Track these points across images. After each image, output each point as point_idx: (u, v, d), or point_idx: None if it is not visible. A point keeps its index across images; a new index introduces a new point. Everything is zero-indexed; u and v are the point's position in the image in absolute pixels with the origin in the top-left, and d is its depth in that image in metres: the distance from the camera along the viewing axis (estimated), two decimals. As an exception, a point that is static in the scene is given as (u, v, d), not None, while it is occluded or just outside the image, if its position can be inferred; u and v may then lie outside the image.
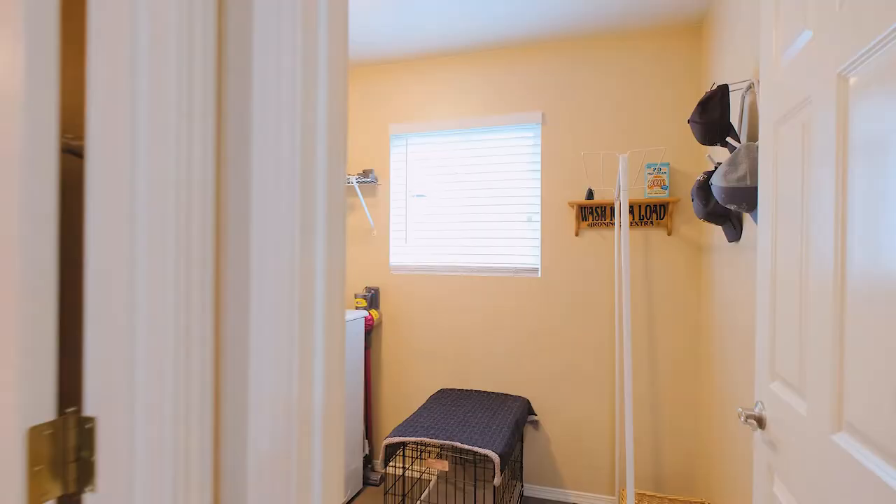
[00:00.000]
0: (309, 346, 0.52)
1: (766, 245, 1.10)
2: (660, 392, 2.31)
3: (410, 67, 2.72)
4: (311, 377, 0.50)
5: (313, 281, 0.59)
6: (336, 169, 0.60)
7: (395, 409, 2.77)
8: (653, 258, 2.32)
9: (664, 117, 2.29)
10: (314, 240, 0.58)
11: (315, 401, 0.52)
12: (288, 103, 0.49)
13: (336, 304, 0.64)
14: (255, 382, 0.48)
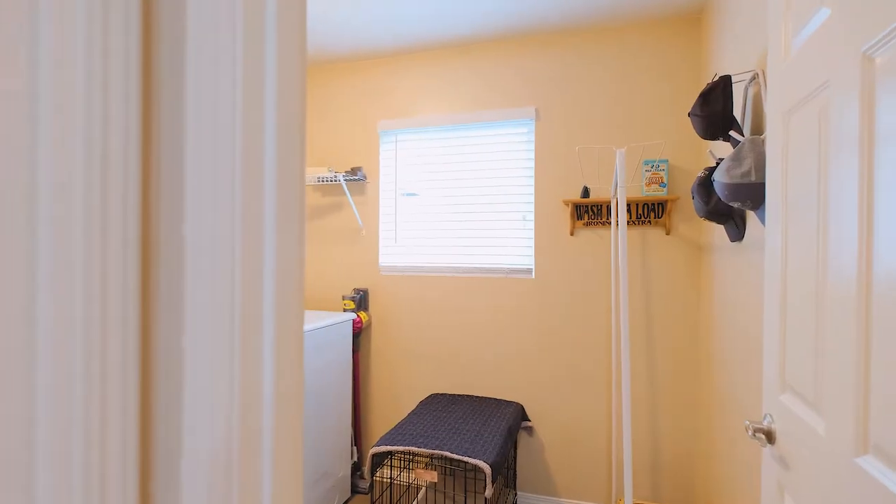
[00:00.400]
0: (255, 362, 0.41)
1: (775, 245, 1.01)
2: (658, 395, 2.23)
3: (400, 62, 2.63)
4: (259, 397, 0.40)
5: (260, 288, 0.47)
6: (290, 162, 0.49)
7: (385, 415, 2.68)
8: (651, 258, 2.24)
9: (662, 112, 2.20)
10: (262, 243, 0.46)
11: (264, 424, 0.42)
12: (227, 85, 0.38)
13: (291, 316, 0.52)
14: (189, 414, 0.38)
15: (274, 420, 0.49)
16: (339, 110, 2.75)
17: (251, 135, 0.44)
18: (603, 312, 2.31)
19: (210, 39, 0.40)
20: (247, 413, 0.44)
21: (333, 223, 2.76)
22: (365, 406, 2.72)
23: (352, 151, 2.73)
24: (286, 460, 0.54)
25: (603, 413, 2.31)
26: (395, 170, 2.68)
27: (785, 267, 0.97)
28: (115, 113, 0.34)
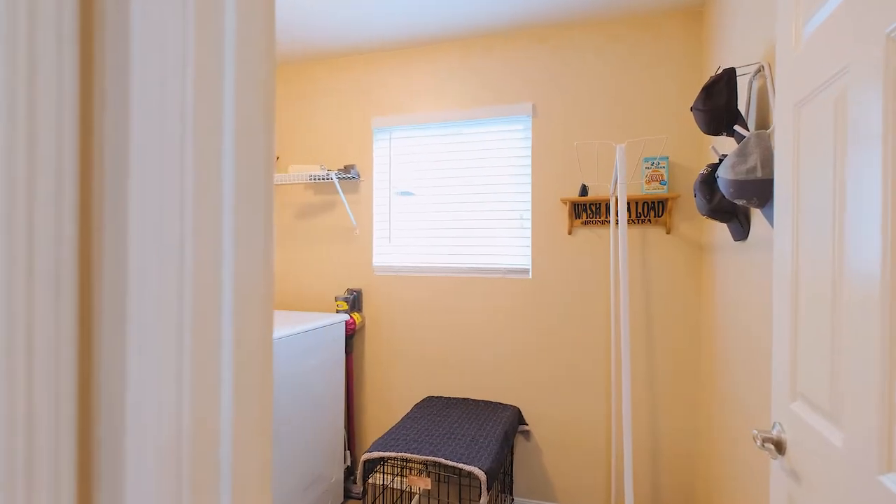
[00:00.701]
0: (210, 357, 0.35)
1: (784, 245, 0.96)
2: (658, 396, 2.18)
3: (394, 57, 2.56)
4: (214, 395, 0.34)
5: (217, 285, 0.40)
6: (252, 154, 0.43)
7: (379, 417, 2.62)
8: (650, 258, 2.18)
9: (663, 108, 2.15)
10: (221, 241, 0.39)
11: (222, 425, 0.35)
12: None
13: (254, 325, 0.45)
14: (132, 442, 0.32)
15: (234, 419, 0.43)
16: (332, 107, 2.68)
17: (206, 120, 0.38)
18: (602, 313, 2.25)
19: (157, 28, 0.35)
20: (200, 411, 0.39)
21: (326, 222, 2.69)
22: (359, 409, 2.66)
23: (345, 149, 2.66)
24: (249, 461, 0.47)
25: (602, 415, 2.25)
26: (389, 168, 2.61)
27: (796, 267, 0.91)
28: (45, 105, 0.30)
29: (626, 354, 1.38)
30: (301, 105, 2.75)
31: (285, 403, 1.97)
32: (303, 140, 2.75)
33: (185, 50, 0.37)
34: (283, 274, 2.78)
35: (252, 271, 0.48)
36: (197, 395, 0.40)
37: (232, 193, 0.45)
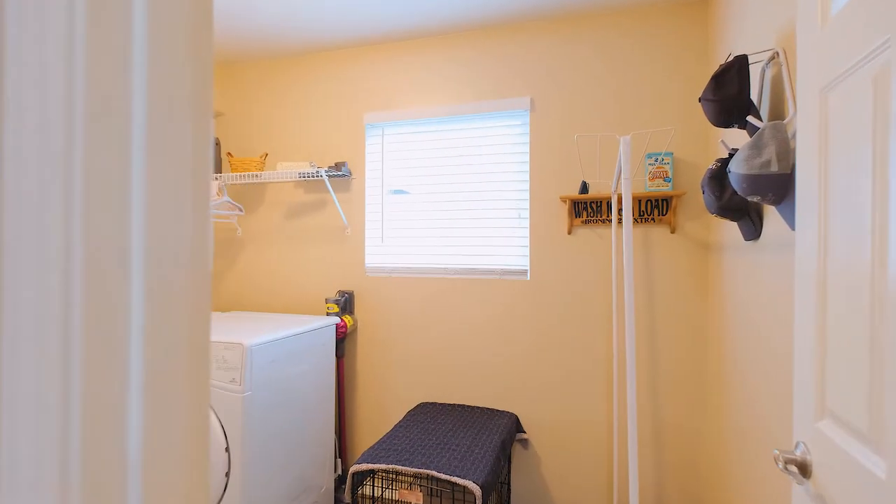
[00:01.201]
0: (110, 363, 0.23)
1: (808, 244, 0.86)
2: (662, 404, 2.08)
3: (388, 51, 2.47)
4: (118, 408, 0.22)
5: (127, 306, 0.28)
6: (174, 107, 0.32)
7: (372, 424, 2.52)
8: (654, 258, 2.09)
9: (667, 101, 2.05)
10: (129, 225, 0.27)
11: (129, 440, 0.33)
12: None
13: (176, 329, 0.34)
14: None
15: (144, 428, 0.35)
16: (323, 102, 2.58)
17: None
18: (603, 316, 2.16)
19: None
20: (95, 432, 0.32)
21: (317, 222, 2.59)
22: (351, 415, 2.56)
23: (336, 146, 2.56)
24: (166, 481, 0.39)
25: (603, 421, 2.16)
26: (381, 165, 2.52)
27: (823, 268, 0.82)
28: None
29: (631, 360, 1.28)
30: (290, 100, 2.65)
31: (272, 410, 1.87)
32: (292, 136, 2.65)
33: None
34: (272, 275, 2.68)
35: (173, 272, 0.38)
36: (89, 413, 0.32)
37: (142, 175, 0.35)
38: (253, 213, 2.72)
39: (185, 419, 0.38)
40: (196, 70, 0.38)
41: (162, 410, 0.36)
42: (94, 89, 0.30)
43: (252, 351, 1.77)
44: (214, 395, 1.76)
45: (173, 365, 0.37)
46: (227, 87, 2.78)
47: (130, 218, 0.34)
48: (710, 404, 1.97)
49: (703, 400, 2.04)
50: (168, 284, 0.38)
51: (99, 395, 0.32)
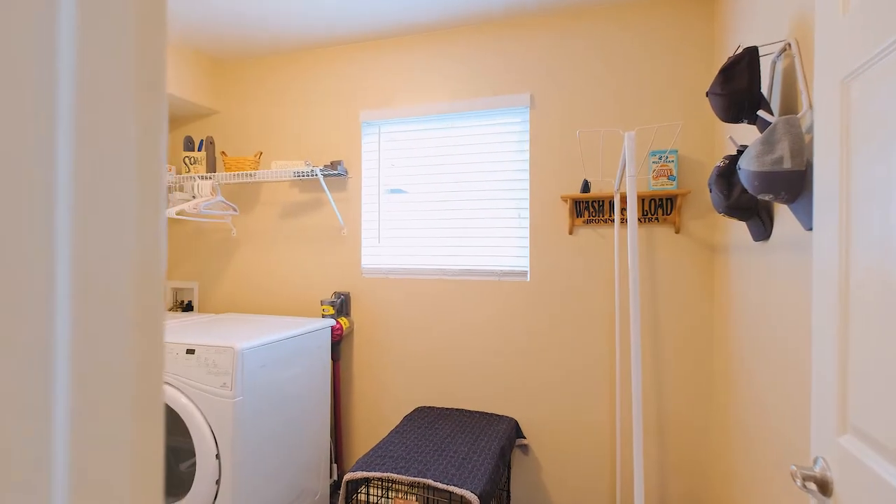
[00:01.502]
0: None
1: (828, 244, 0.80)
2: (666, 405, 2.02)
3: (384, 47, 2.41)
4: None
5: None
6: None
7: (369, 428, 2.46)
8: (658, 259, 2.03)
9: (672, 97, 2.00)
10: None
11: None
12: None
13: (110, 336, 0.24)
14: None
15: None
16: (318, 100, 2.53)
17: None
18: (605, 318, 2.10)
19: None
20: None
21: (312, 222, 2.54)
22: (347, 419, 2.50)
23: (332, 144, 2.51)
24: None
25: (605, 425, 2.10)
26: (378, 164, 2.46)
27: (846, 269, 0.76)
28: None
29: (636, 361, 1.23)
30: (285, 99, 2.59)
31: (265, 415, 1.82)
32: (288, 135, 2.59)
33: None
34: (268, 277, 2.62)
35: (107, 267, 0.32)
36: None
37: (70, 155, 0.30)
38: (248, 214, 2.66)
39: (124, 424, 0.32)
40: (137, 41, 0.32)
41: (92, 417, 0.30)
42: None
43: (243, 355, 1.71)
44: (205, 401, 1.70)
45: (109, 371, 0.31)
46: (220, 86, 2.72)
47: (54, 214, 0.28)
48: (716, 403, 1.91)
49: (709, 399, 1.98)
50: (102, 289, 0.32)
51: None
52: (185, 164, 2.46)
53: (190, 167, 2.45)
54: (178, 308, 2.78)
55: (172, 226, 2.83)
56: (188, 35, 2.35)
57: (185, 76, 2.50)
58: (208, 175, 2.39)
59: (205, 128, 2.76)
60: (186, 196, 2.39)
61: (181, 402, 1.71)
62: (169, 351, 1.76)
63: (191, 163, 2.45)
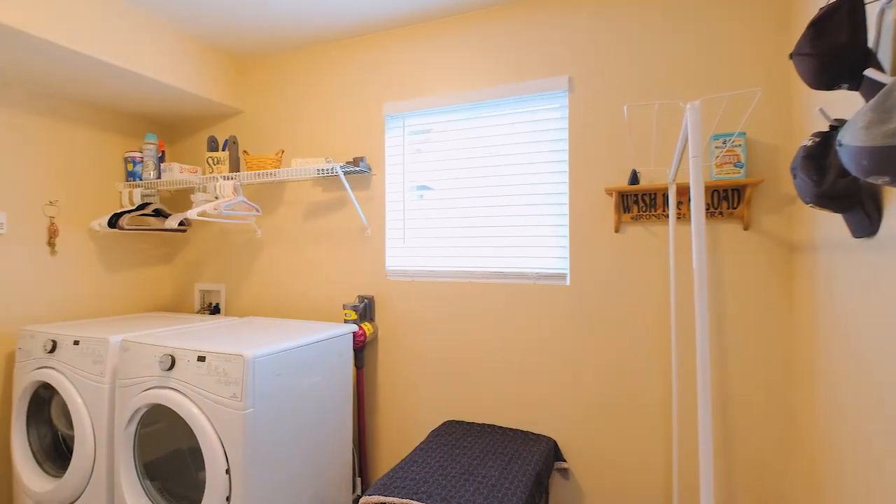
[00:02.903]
0: None
1: None
2: (734, 438, 1.74)
3: (407, 35, 2.25)
4: None
5: None
6: None
7: (396, 439, 2.30)
8: (722, 260, 1.75)
9: (736, 69, 1.71)
10: None
11: None
12: None
13: None
14: None
15: None
16: (340, 94, 2.40)
17: None
18: (658, 328, 1.83)
19: None
20: None
21: (335, 222, 2.41)
22: (372, 429, 2.36)
23: (355, 140, 2.37)
24: None
25: (660, 452, 1.83)
26: (402, 159, 2.30)
27: None
28: None
29: (704, 385, 0.98)
30: (306, 94, 2.48)
31: (279, 427, 1.69)
32: (310, 132, 2.48)
33: None
34: (291, 279, 2.52)
35: None
36: None
37: None
38: (272, 214, 2.58)
39: None
40: None
41: None
42: None
43: (254, 363, 1.59)
44: (215, 411, 1.59)
45: None
46: (243, 85, 2.65)
47: None
48: (798, 441, 1.60)
49: (788, 437, 1.67)
50: None
51: None
52: (209, 165, 2.40)
53: (213, 167, 2.39)
54: (205, 310, 2.74)
55: (199, 227, 2.79)
56: (211, 35, 2.28)
57: (208, 76, 2.44)
58: (230, 175, 2.31)
59: (229, 128, 2.71)
60: (209, 197, 2.32)
61: (192, 412, 1.61)
62: (180, 357, 1.66)
63: (214, 163, 2.38)
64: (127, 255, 2.64)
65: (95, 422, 1.86)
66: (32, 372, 1.98)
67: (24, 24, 1.68)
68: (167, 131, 2.88)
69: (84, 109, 2.44)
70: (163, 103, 2.48)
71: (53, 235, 2.28)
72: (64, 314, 2.35)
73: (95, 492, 1.86)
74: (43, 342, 1.97)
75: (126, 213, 2.42)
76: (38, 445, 2.06)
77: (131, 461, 1.77)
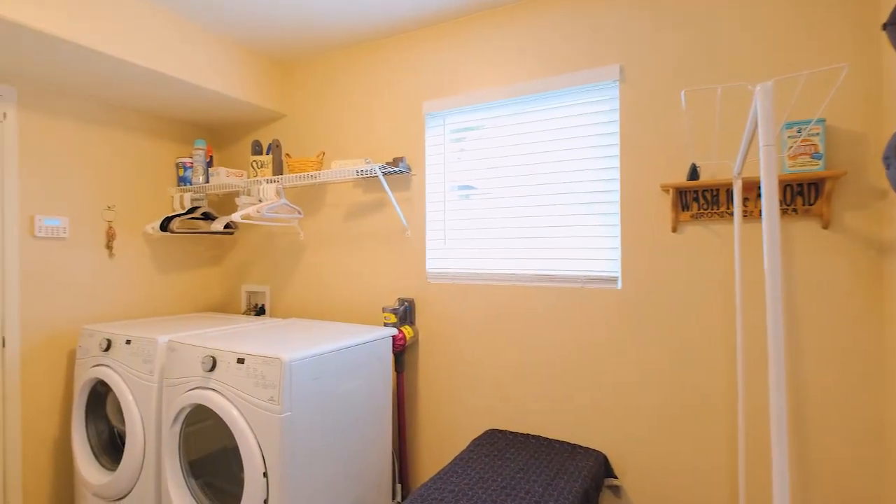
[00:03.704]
0: None
1: None
2: (812, 461, 1.54)
3: (447, 31, 2.19)
4: None
5: None
6: None
7: (436, 446, 2.24)
8: (797, 263, 1.56)
9: (816, 53, 1.52)
10: None
11: None
12: None
13: None
14: None
15: None
16: (380, 94, 2.37)
17: None
18: (721, 337, 1.67)
19: None
20: None
21: (375, 223, 2.39)
22: (413, 435, 2.30)
23: (395, 140, 2.34)
24: None
25: (724, 474, 1.66)
26: (443, 158, 2.24)
27: None
28: None
29: (778, 405, 0.85)
30: (347, 96, 2.48)
31: (317, 431, 1.67)
32: (350, 134, 2.47)
33: None
34: (332, 281, 2.52)
35: None
36: None
37: None
38: (314, 216, 2.59)
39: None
40: None
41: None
42: None
43: (291, 367, 1.57)
44: (253, 414, 1.59)
45: None
46: (287, 89, 2.69)
47: None
48: (893, 466, 1.40)
49: (879, 463, 1.46)
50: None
51: None
52: (253, 168, 2.44)
53: (257, 171, 2.43)
54: (251, 311, 2.79)
55: (245, 230, 2.85)
56: (255, 41, 2.32)
57: (254, 82, 2.49)
58: (272, 178, 2.34)
59: (274, 132, 2.75)
60: (253, 200, 2.36)
61: (231, 414, 1.61)
62: (221, 359, 1.68)
63: (258, 167, 2.42)
64: (178, 257, 2.74)
65: (145, 419, 1.91)
66: (90, 369, 2.07)
67: (101, 44, 1.77)
68: (216, 137, 2.98)
69: (140, 118, 2.56)
70: (212, 110, 2.55)
71: (111, 239, 2.39)
72: (120, 314, 2.46)
73: (145, 487, 1.91)
74: (99, 341, 2.06)
75: (176, 216, 2.50)
76: (96, 440, 2.16)
77: (176, 460, 1.80)
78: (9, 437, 2.07)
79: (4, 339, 2.05)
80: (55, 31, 1.70)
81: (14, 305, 2.07)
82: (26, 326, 2.12)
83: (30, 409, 2.14)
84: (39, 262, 2.16)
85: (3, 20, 1.60)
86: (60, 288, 2.23)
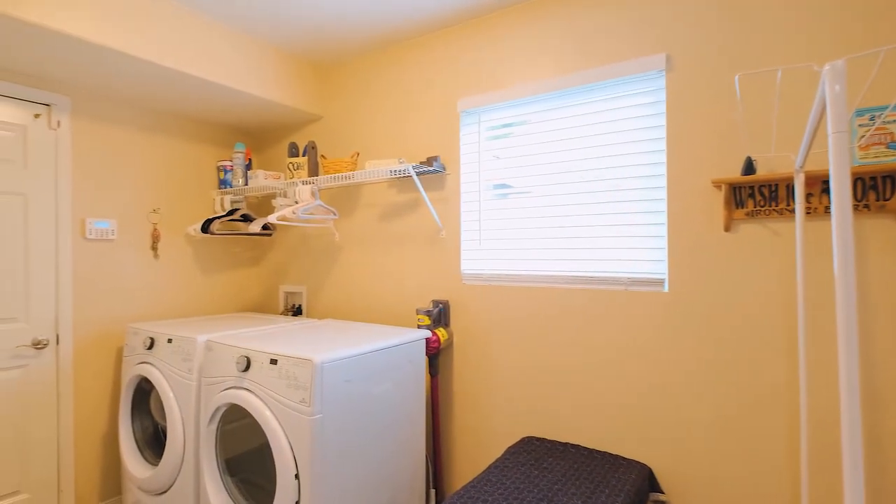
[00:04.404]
0: None
1: None
2: (885, 487, 1.38)
3: (482, 25, 2.13)
4: None
5: None
6: None
7: (471, 451, 2.18)
8: (869, 265, 1.41)
9: (890, 23, 1.37)
10: None
11: None
12: None
13: None
14: None
15: None
16: (414, 93, 2.35)
17: None
18: (779, 344, 1.53)
19: None
20: None
21: (408, 224, 2.36)
22: (447, 439, 2.26)
23: (429, 139, 2.30)
24: None
25: (781, 488, 1.52)
26: (478, 157, 2.18)
27: None
28: None
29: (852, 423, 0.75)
30: (382, 96, 2.46)
31: (348, 433, 1.65)
32: (385, 134, 2.46)
33: None
34: (367, 282, 2.51)
35: None
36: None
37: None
38: (349, 217, 2.59)
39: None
40: None
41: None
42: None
43: (322, 368, 1.56)
44: (285, 416, 1.58)
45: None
46: (323, 91, 2.71)
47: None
48: None
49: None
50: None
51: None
52: (290, 170, 2.46)
53: (294, 173, 2.45)
54: (288, 312, 2.83)
55: (283, 231, 2.90)
56: (293, 44, 2.35)
57: (291, 86, 2.52)
58: (308, 180, 2.35)
59: (310, 134, 2.78)
60: (289, 201, 2.38)
61: (265, 414, 1.62)
62: (255, 359, 1.68)
63: (294, 168, 2.45)
64: (219, 258, 2.81)
65: (185, 416, 1.95)
66: (135, 366, 2.14)
67: (156, 56, 1.83)
68: (255, 140, 3.04)
69: (183, 123, 2.64)
70: (251, 114, 2.61)
71: (156, 240, 2.48)
72: (164, 313, 2.54)
73: (185, 483, 1.95)
74: (143, 339, 2.12)
75: (216, 218, 2.56)
76: (140, 434, 2.23)
77: (213, 458, 1.82)
78: (62, 432, 2.17)
79: (59, 336, 2.15)
80: (114, 45, 1.78)
81: (67, 304, 2.17)
82: (78, 325, 2.21)
83: (81, 404, 2.24)
84: (90, 262, 2.25)
85: (64, 35, 1.68)
86: (109, 287, 2.32)
